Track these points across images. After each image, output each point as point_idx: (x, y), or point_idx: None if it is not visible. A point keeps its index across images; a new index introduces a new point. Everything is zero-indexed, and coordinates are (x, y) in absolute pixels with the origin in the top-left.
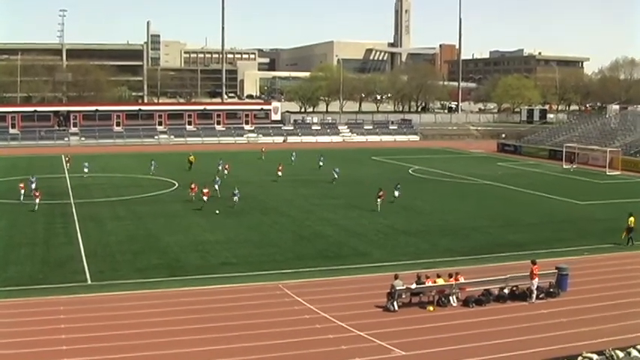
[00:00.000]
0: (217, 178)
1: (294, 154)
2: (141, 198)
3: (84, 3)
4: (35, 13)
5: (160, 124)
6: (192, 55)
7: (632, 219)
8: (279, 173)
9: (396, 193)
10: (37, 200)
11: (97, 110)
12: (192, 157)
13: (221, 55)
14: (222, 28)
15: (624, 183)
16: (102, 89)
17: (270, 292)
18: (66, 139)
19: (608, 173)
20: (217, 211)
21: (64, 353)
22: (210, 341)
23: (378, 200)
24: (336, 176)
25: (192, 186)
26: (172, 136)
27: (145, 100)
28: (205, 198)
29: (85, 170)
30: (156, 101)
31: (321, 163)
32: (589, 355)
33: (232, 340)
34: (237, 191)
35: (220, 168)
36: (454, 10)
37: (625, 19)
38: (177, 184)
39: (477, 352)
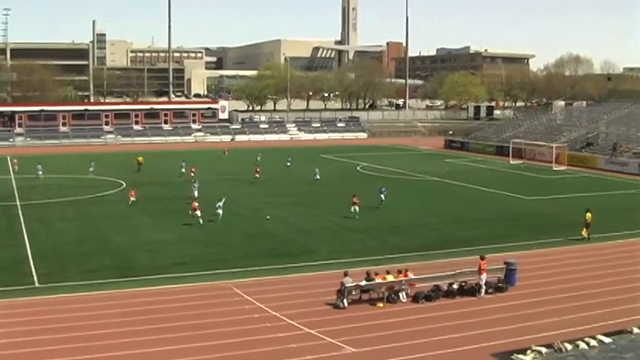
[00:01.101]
0: (195, 183)
1: (259, 155)
2: (89, 198)
3: (28, 2)
4: None
5: (107, 123)
6: (138, 55)
7: (589, 214)
8: (257, 175)
9: (382, 197)
10: None
11: (42, 110)
12: (140, 158)
13: (168, 54)
14: (169, 26)
15: (570, 178)
16: (47, 89)
17: (220, 291)
18: (11, 140)
19: (554, 168)
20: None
21: (8, 359)
22: (162, 342)
23: (355, 208)
24: (317, 177)
25: (132, 192)
26: (119, 136)
27: (92, 100)
28: (198, 213)
29: (40, 173)
30: (102, 101)
31: (288, 164)
32: (538, 348)
33: (182, 340)
34: (221, 203)
35: (184, 170)
36: (401, 7)
37: (570, 17)
38: (124, 184)
39: (427, 347)
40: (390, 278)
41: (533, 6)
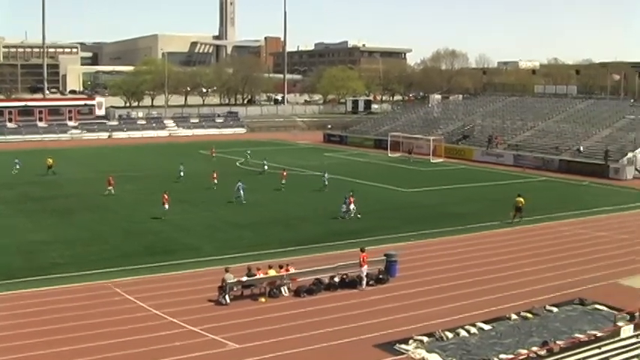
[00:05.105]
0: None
1: (249, 152)
2: None
3: None
4: None
5: None
6: (11, 50)
7: (521, 199)
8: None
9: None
10: None
11: None
12: (50, 159)
13: (42, 50)
14: (43, 21)
15: (447, 170)
16: None
17: (99, 291)
18: None
19: (432, 161)
20: None
21: None
22: (38, 345)
23: (351, 207)
24: (326, 182)
25: (110, 180)
26: None
27: None
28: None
29: (18, 166)
30: None
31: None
32: (419, 337)
33: (61, 343)
34: (241, 184)
35: (182, 174)
36: (279, 2)
37: (446, 11)
38: None
39: (309, 341)
40: (271, 273)
41: (410, 1)
